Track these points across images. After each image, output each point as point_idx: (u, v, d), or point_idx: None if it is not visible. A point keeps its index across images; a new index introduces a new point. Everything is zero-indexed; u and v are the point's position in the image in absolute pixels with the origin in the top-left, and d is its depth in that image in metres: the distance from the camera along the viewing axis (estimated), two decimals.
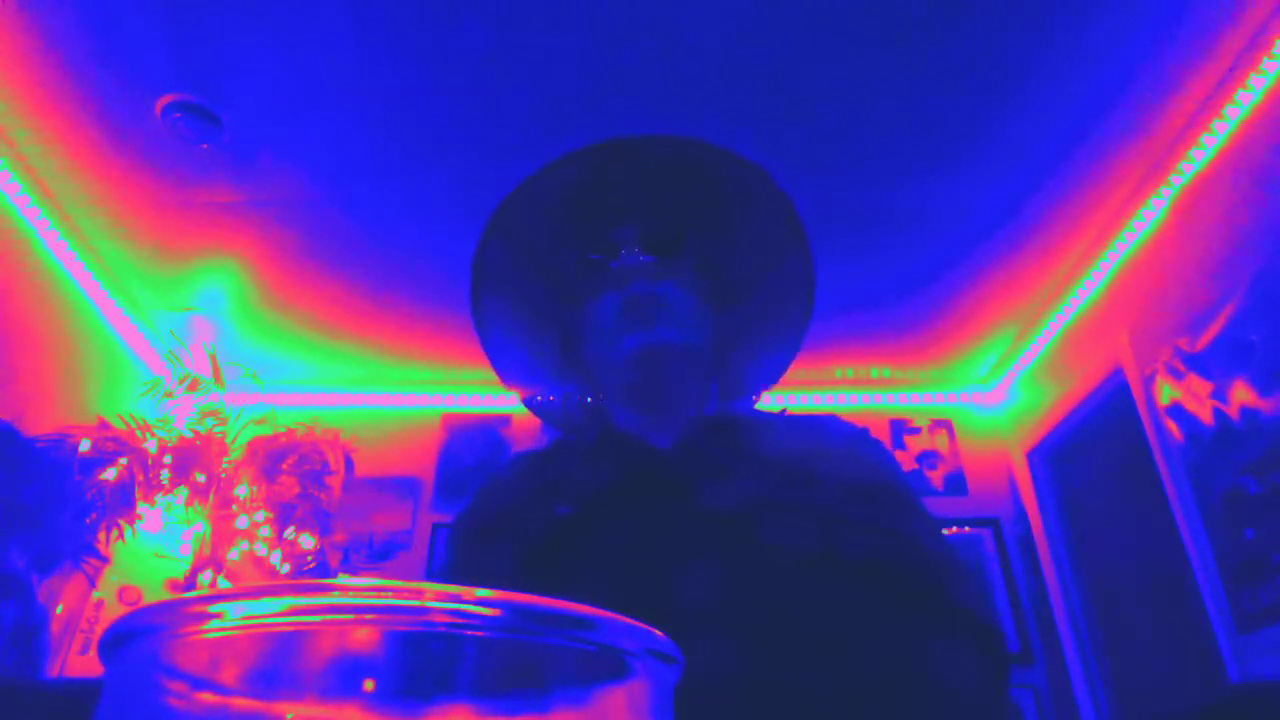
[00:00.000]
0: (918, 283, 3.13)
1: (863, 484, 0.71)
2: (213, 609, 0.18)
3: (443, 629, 0.18)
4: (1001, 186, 2.69)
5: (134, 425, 2.92)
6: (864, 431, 0.80)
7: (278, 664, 0.19)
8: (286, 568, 3.00)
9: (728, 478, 0.69)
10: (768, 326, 0.84)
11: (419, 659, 0.19)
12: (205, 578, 2.89)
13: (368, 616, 0.18)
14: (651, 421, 0.77)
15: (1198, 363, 2.47)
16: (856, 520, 0.66)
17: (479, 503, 0.80)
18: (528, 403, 0.87)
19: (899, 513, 0.71)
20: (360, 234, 2.87)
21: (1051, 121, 2.45)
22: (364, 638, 0.19)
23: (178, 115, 2.31)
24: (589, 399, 0.83)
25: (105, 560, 2.80)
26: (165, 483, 2.85)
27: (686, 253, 0.80)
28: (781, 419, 0.82)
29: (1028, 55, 2.23)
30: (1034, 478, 3.52)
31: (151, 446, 2.91)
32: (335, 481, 3.25)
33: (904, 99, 2.36)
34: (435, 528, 3.54)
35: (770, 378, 0.86)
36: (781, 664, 0.57)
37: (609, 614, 0.20)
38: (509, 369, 0.86)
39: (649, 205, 0.80)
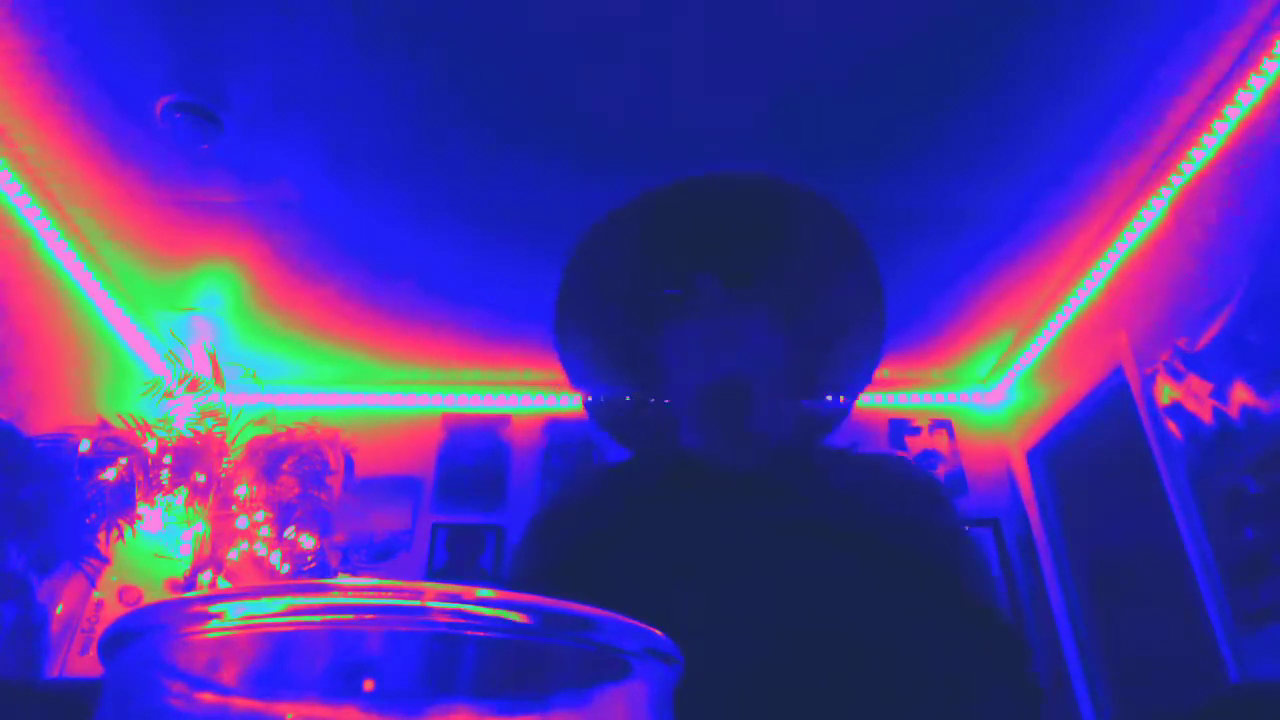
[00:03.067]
0: (918, 283, 3.13)
1: (921, 520, 0.74)
2: (213, 609, 0.18)
3: (443, 629, 0.18)
4: (1002, 188, 2.69)
5: (134, 425, 2.92)
6: (936, 479, 0.84)
7: (278, 664, 0.19)
8: (286, 568, 3.00)
9: (801, 504, 0.72)
10: (840, 357, 0.88)
11: (419, 659, 0.19)
12: (205, 578, 2.89)
13: (368, 616, 0.18)
14: (729, 453, 0.80)
15: (1198, 363, 2.47)
16: (915, 554, 0.68)
17: (553, 515, 0.82)
18: (600, 421, 0.90)
19: (966, 567, 0.73)
20: (360, 234, 2.87)
21: (1053, 124, 2.45)
22: (364, 638, 0.19)
23: (178, 116, 2.31)
24: (661, 418, 0.86)
25: (105, 560, 2.80)
26: (165, 483, 2.85)
27: (762, 286, 0.83)
28: (854, 456, 0.85)
29: (1030, 60, 2.23)
30: (1034, 477, 3.52)
31: (151, 446, 2.91)
32: (335, 481, 3.26)
33: (904, 103, 2.36)
34: (435, 528, 3.54)
35: (843, 409, 0.89)
36: (821, 678, 0.59)
37: (609, 614, 0.20)
38: (586, 385, 0.90)
39: (726, 241, 0.83)
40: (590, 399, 0.90)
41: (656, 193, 0.84)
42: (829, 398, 0.88)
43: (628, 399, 0.88)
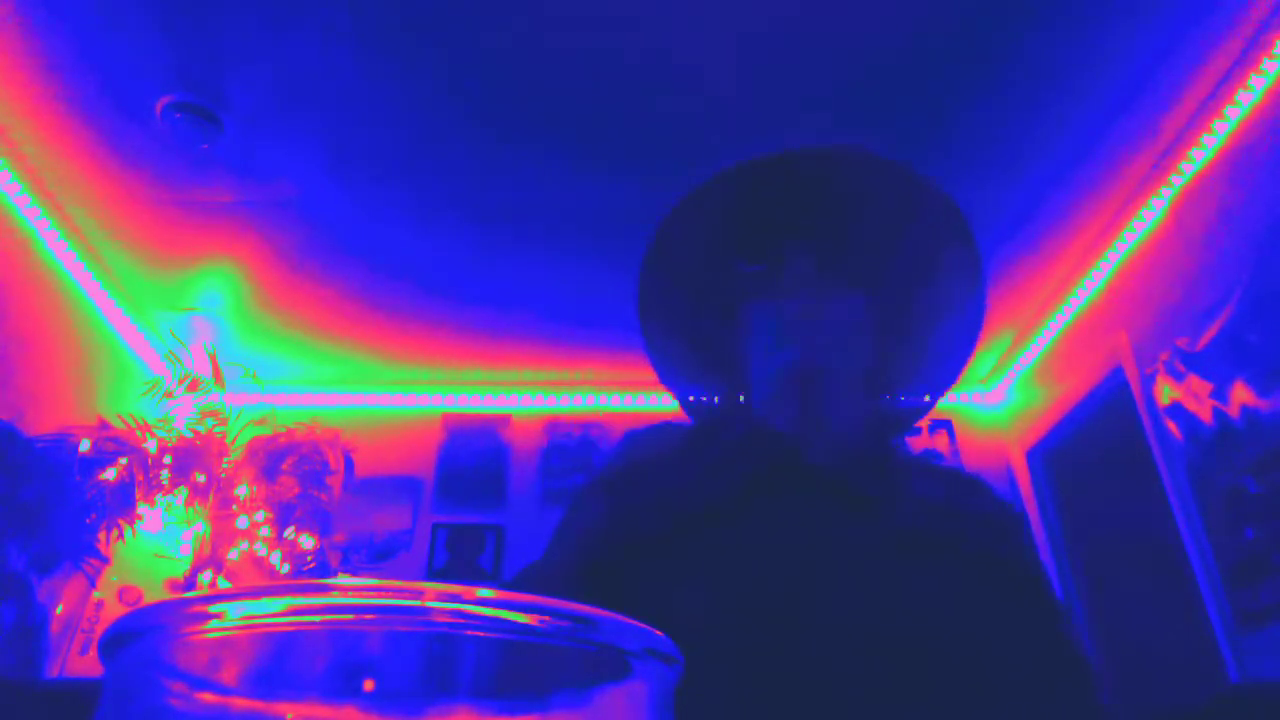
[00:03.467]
0: None
1: (997, 551, 0.71)
2: (213, 609, 0.18)
3: (443, 629, 0.18)
4: (1002, 188, 2.69)
5: (134, 425, 2.92)
6: (1012, 503, 0.80)
7: (278, 664, 0.19)
8: (286, 568, 3.01)
9: (890, 514, 0.69)
10: (928, 366, 0.82)
11: (419, 659, 0.19)
12: (205, 578, 2.89)
13: (368, 616, 0.18)
14: (800, 437, 0.75)
15: (1198, 363, 2.47)
16: (1002, 574, 0.66)
17: (623, 468, 0.76)
18: (683, 401, 0.85)
19: (1036, 595, 0.71)
20: (361, 234, 2.87)
21: (1053, 124, 2.45)
22: (364, 638, 0.19)
23: (178, 116, 2.31)
24: (741, 400, 0.81)
25: (105, 560, 2.80)
26: (165, 483, 2.85)
27: (849, 269, 0.77)
28: (934, 465, 0.83)
29: (1030, 60, 2.23)
30: (1033, 478, 3.52)
31: (151, 446, 2.91)
32: (335, 481, 3.26)
33: (904, 103, 2.36)
34: (435, 528, 3.54)
35: (922, 412, 0.83)
36: (918, 692, 0.58)
37: (609, 614, 0.20)
38: (669, 369, 0.86)
39: (823, 216, 0.78)
40: (689, 400, 0.85)
41: (749, 163, 0.78)
42: (912, 396, 0.82)
43: (719, 397, 0.84)
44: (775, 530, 0.66)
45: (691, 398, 0.85)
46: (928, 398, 0.82)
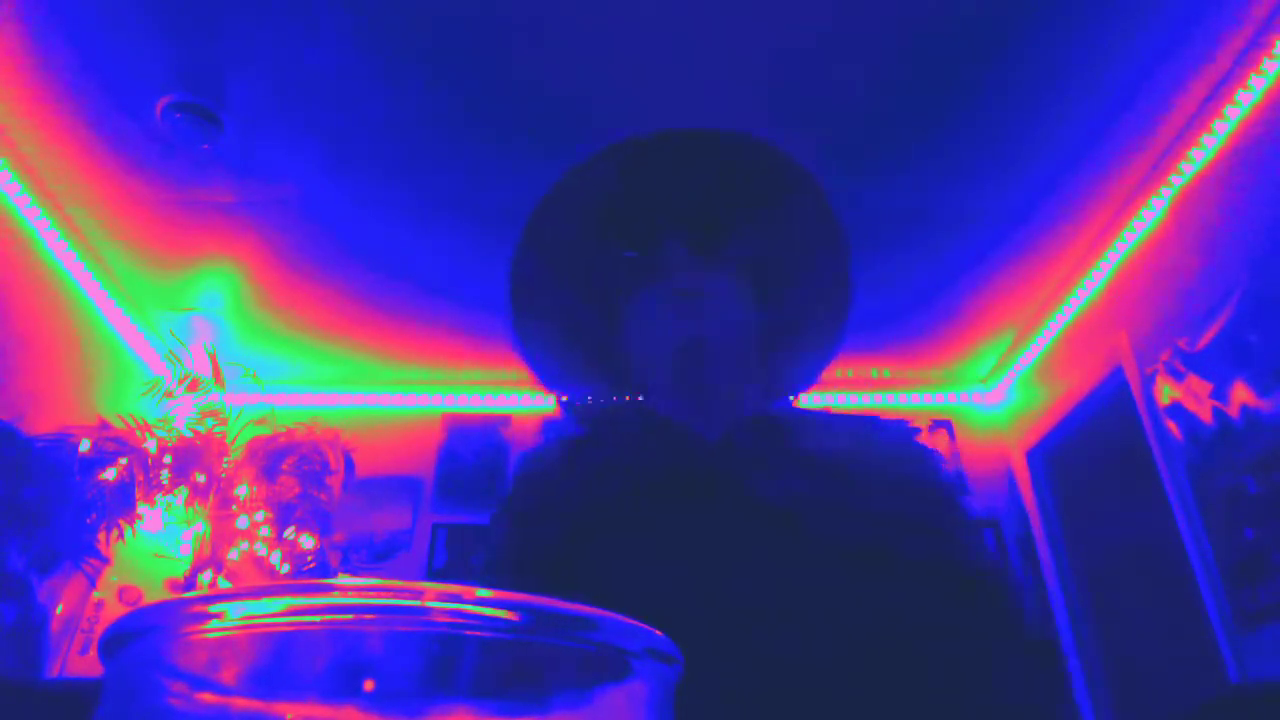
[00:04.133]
0: (918, 284, 3.13)
1: (910, 484, 0.70)
2: (213, 609, 0.18)
3: (443, 629, 0.18)
4: (1003, 189, 2.69)
5: (134, 425, 2.92)
6: (911, 432, 0.79)
7: (278, 664, 0.19)
8: (286, 568, 3.00)
9: (776, 472, 0.68)
10: (806, 326, 0.83)
11: (419, 659, 0.19)
12: (205, 578, 2.89)
13: (368, 616, 0.18)
14: (696, 418, 0.75)
15: (1198, 363, 2.47)
16: (906, 520, 0.65)
17: (521, 488, 0.77)
18: (567, 405, 0.84)
19: (946, 516, 0.70)
20: (361, 234, 2.87)
21: (1053, 124, 2.45)
22: (364, 638, 0.19)
23: (178, 116, 2.31)
24: (631, 397, 0.81)
25: (105, 560, 2.80)
26: (165, 483, 2.85)
27: (729, 248, 0.78)
28: (827, 416, 0.82)
29: (1030, 60, 2.23)
30: (1034, 478, 3.52)
31: (151, 446, 2.91)
32: (335, 481, 3.25)
33: (906, 103, 2.36)
34: (435, 528, 3.54)
35: (809, 378, 0.84)
36: (831, 661, 0.57)
37: (609, 614, 0.20)
38: (549, 373, 0.84)
39: (691, 200, 0.78)
40: (566, 400, 0.83)
41: (615, 150, 0.79)
42: (796, 366, 0.83)
43: (602, 394, 0.82)
44: (672, 541, 0.65)
45: (571, 396, 0.84)
46: (809, 372, 0.84)
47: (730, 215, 0.79)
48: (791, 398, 0.84)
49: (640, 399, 0.80)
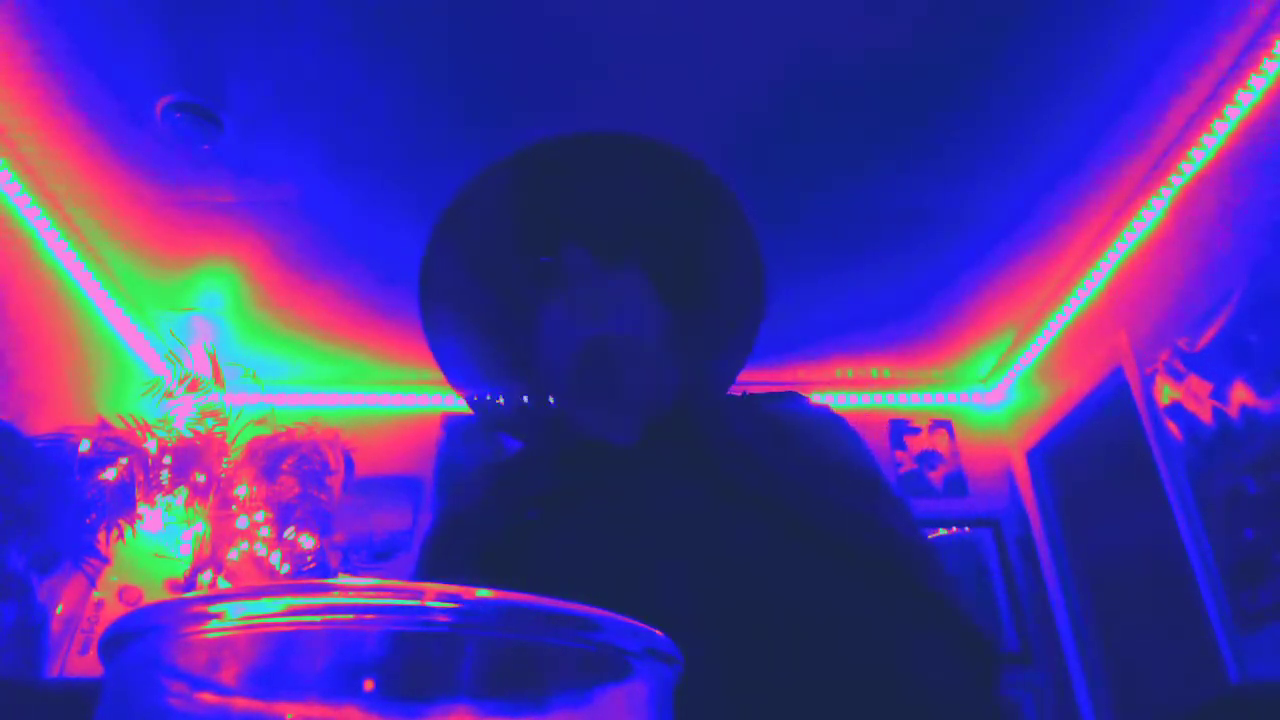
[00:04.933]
0: (918, 283, 3.13)
1: (830, 463, 0.71)
2: (213, 609, 0.18)
3: (443, 629, 0.18)
4: (1002, 188, 2.69)
5: (134, 425, 2.92)
6: (830, 411, 0.80)
7: (278, 664, 0.19)
8: (286, 568, 3.00)
9: (691, 466, 0.68)
10: (721, 328, 0.82)
11: (419, 659, 0.19)
12: (205, 578, 2.89)
13: (368, 616, 0.18)
14: (608, 421, 0.75)
15: (1198, 363, 2.47)
16: (826, 499, 0.65)
17: (442, 513, 0.79)
18: (478, 412, 0.84)
19: (869, 494, 0.70)
20: (361, 234, 2.87)
21: (1053, 124, 2.45)
22: (364, 638, 0.19)
23: (178, 116, 2.31)
24: (542, 404, 0.81)
25: (105, 560, 2.80)
26: (165, 483, 2.85)
27: (633, 252, 0.78)
28: (744, 399, 0.81)
29: (1030, 60, 2.23)
30: (1034, 478, 3.52)
31: (151, 446, 2.91)
32: (335, 481, 3.25)
33: (906, 103, 2.36)
34: None
35: (726, 380, 0.83)
36: (755, 651, 0.57)
37: (609, 614, 0.20)
38: (462, 380, 0.84)
39: (593, 205, 0.79)
40: (475, 398, 0.83)
41: (510, 161, 0.79)
42: (710, 363, 0.82)
43: (512, 394, 0.83)
44: (591, 531, 0.67)
45: (480, 397, 0.84)
46: (725, 367, 0.83)
47: (630, 217, 0.79)
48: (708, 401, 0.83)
49: (550, 404, 0.80)
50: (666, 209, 0.80)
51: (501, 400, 0.83)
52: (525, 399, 0.83)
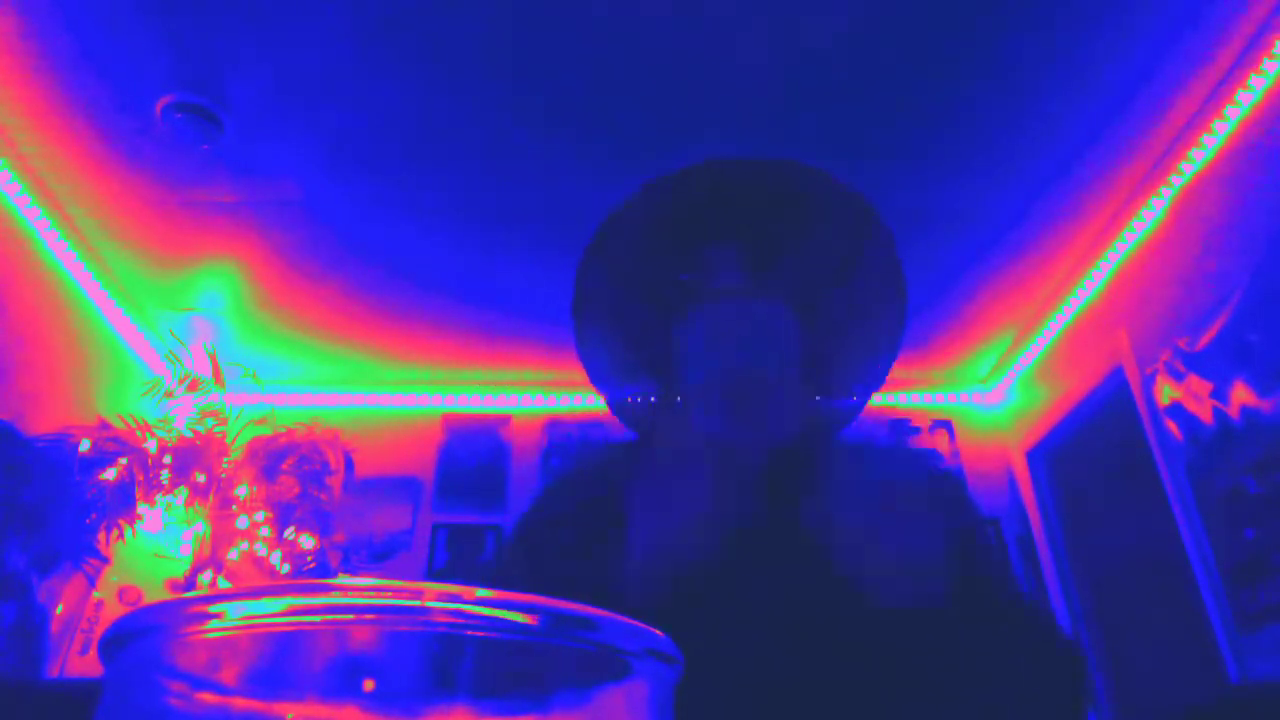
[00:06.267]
0: (918, 283, 3.12)
1: (946, 527, 0.72)
2: (213, 609, 0.18)
3: (443, 629, 0.18)
4: (1002, 188, 2.69)
5: (134, 425, 2.92)
6: (949, 471, 0.82)
7: (278, 664, 0.19)
8: (286, 568, 3.00)
9: (814, 515, 0.70)
10: (861, 338, 0.85)
11: (419, 659, 0.19)
12: (205, 578, 2.89)
13: (368, 616, 0.18)
14: (736, 437, 0.77)
15: (1198, 363, 2.47)
16: (941, 563, 0.67)
17: (547, 504, 0.81)
18: (616, 412, 0.87)
19: (982, 559, 0.72)
20: (360, 234, 2.87)
21: (1054, 124, 2.44)
22: (364, 638, 0.19)
23: (178, 116, 2.31)
24: (672, 403, 0.83)
25: (105, 560, 2.80)
26: (165, 483, 2.85)
27: (780, 271, 0.80)
28: (868, 449, 0.83)
29: (1030, 60, 2.22)
30: (1033, 478, 3.52)
31: (151, 446, 2.91)
32: (335, 481, 3.25)
33: (905, 102, 2.36)
34: (435, 528, 3.54)
35: (851, 415, 0.86)
36: (872, 703, 0.59)
37: (609, 614, 0.20)
38: (604, 368, 0.88)
39: (745, 221, 0.81)
40: (616, 401, 0.87)
41: (674, 175, 0.82)
42: (842, 393, 0.85)
43: (652, 398, 0.86)
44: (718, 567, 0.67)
45: (625, 399, 0.87)
46: (857, 397, 0.86)
47: (779, 235, 0.81)
48: (837, 427, 0.86)
49: (685, 410, 0.81)
50: (816, 231, 0.82)
51: (638, 400, 0.86)
52: (653, 399, 0.85)
